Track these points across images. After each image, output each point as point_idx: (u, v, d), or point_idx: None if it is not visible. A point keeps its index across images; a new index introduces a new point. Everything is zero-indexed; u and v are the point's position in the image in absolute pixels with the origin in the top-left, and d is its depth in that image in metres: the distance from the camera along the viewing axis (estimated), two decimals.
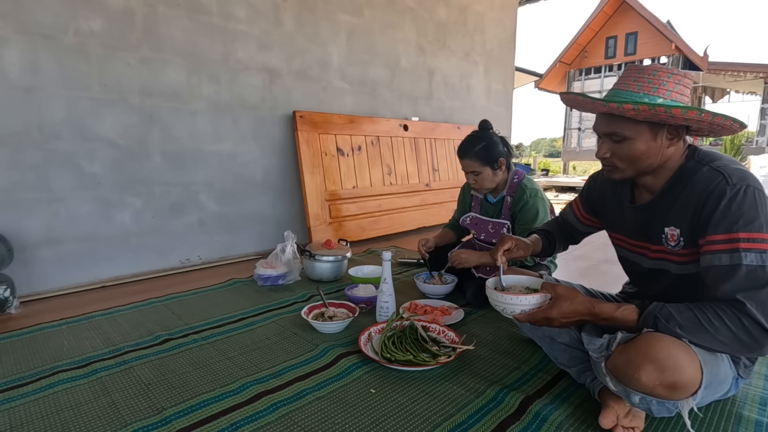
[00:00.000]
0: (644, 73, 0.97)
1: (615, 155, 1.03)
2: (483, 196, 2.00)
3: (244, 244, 2.86)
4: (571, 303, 1.00)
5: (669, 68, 0.97)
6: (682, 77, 0.97)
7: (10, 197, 2.00)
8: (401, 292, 2.00)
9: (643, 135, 0.98)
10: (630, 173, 1.05)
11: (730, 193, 0.90)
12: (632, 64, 1.01)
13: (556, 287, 1.04)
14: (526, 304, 1.06)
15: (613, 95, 1.00)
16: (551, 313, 1.01)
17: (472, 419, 1.09)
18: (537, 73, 14.00)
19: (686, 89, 0.97)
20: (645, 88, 0.96)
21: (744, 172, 0.93)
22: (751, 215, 0.88)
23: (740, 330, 0.85)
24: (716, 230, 0.91)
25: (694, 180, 0.98)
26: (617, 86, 1.01)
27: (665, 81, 0.95)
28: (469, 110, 4.51)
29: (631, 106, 0.92)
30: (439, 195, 3.92)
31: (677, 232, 1.01)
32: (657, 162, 1.01)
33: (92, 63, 2.17)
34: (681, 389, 0.86)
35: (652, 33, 13.62)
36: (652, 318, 0.92)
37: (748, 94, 15.38)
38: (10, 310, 1.83)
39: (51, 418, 1.10)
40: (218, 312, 1.82)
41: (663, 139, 0.99)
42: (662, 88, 0.95)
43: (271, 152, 2.93)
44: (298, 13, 2.96)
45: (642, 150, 0.99)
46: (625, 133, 0.99)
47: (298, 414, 1.11)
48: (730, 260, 0.88)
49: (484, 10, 4.50)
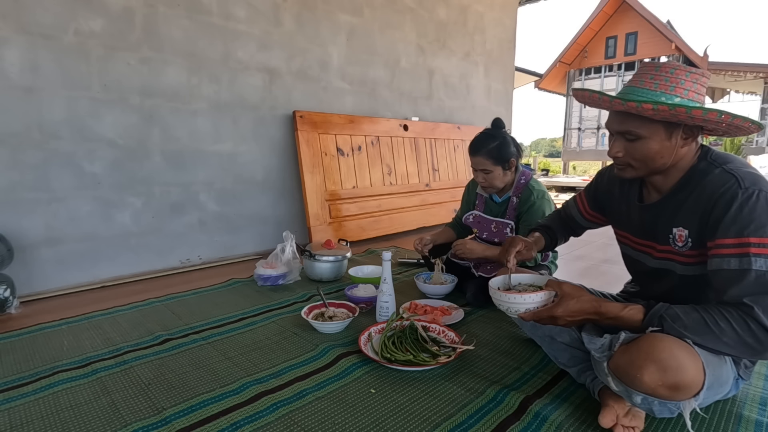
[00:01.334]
0: (661, 70, 0.95)
1: (628, 154, 1.02)
2: (488, 195, 1.99)
3: (244, 244, 2.86)
4: (577, 301, 0.99)
5: (686, 66, 0.95)
6: (700, 76, 0.95)
7: (10, 197, 2.00)
8: (401, 292, 2.00)
9: (658, 134, 0.97)
10: (642, 172, 1.04)
11: (742, 197, 0.89)
12: (648, 62, 0.98)
13: (562, 285, 1.03)
14: (530, 303, 1.04)
15: (629, 93, 0.97)
16: (557, 312, 1.00)
17: (472, 419, 1.09)
18: (537, 73, 14.00)
19: (703, 88, 0.96)
20: (662, 86, 0.94)
21: (757, 176, 0.92)
22: (762, 220, 0.87)
23: (746, 333, 0.84)
24: (726, 234, 0.90)
25: (705, 181, 0.96)
26: (632, 83, 0.99)
27: (683, 80, 0.94)
28: (469, 110, 4.51)
29: (651, 105, 0.90)
30: (439, 195, 3.92)
31: (686, 232, 1.00)
32: (670, 162, 1.00)
33: (92, 63, 2.17)
34: (683, 390, 0.86)
35: (652, 33, 13.62)
36: (657, 318, 0.91)
37: (748, 94, 15.38)
38: (10, 310, 1.83)
39: (51, 418, 1.10)
40: (218, 312, 1.82)
41: (678, 138, 0.97)
42: (680, 87, 0.93)
43: (271, 152, 2.93)
44: (298, 13, 2.96)
45: (656, 149, 0.98)
46: (640, 132, 0.97)
47: (298, 414, 1.11)
48: (740, 264, 0.87)
49: (484, 10, 4.50)
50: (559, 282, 1.05)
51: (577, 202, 1.39)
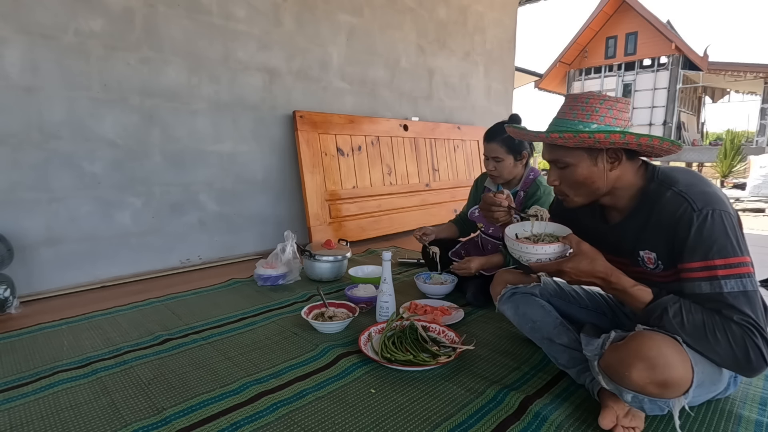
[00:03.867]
0: (578, 101, 1.01)
1: (563, 182, 1.08)
2: (496, 188, 1.99)
3: (244, 244, 2.86)
4: (590, 262, 0.98)
5: (601, 95, 0.99)
6: (615, 102, 0.99)
7: (10, 197, 2.00)
8: (401, 292, 2.00)
9: (583, 160, 1.02)
10: (583, 199, 1.08)
11: (698, 221, 0.91)
12: (571, 94, 1.04)
13: (581, 244, 1.01)
14: (542, 253, 1.02)
15: (553, 125, 1.04)
16: (566, 266, 0.99)
17: (472, 419, 1.09)
18: (537, 73, 14.00)
19: (621, 113, 0.99)
20: (579, 116, 1.00)
21: (707, 195, 0.93)
22: (722, 241, 0.89)
23: (741, 351, 0.86)
24: (692, 258, 0.92)
25: (660, 205, 0.98)
26: (557, 116, 1.06)
27: (597, 107, 0.98)
28: (469, 110, 4.51)
29: (557, 135, 0.98)
30: (439, 195, 3.92)
31: (654, 255, 1.02)
32: (605, 186, 1.04)
33: (92, 63, 2.17)
34: (671, 387, 0.87)
35: (652, 33, 13.63)
36: (661, 309, 0.92)
37: (748, 94, 15.38)
38: (10, 310, 1.83)
39: (51, 418, 1.10)
40: (218, 312, 1.82)
41: (604, 163, 1.01)
42: (595, 115, 0.98)
43: (271, 152, 2.93)
44: (298, 13, 2.96)
45: (585, 175, 1.03)
46: (567, 159, 1.03)
47: (298, 414, 1.11)
48: (711, 288, 0.89)
49: (484, 10, 4.50)
50: (579, 240, 1.03)
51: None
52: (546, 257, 1.02)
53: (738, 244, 0.90)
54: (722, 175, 11.34)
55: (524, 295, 1.31)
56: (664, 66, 13.62)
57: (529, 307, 1.29)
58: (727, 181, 10.89)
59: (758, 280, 2.27)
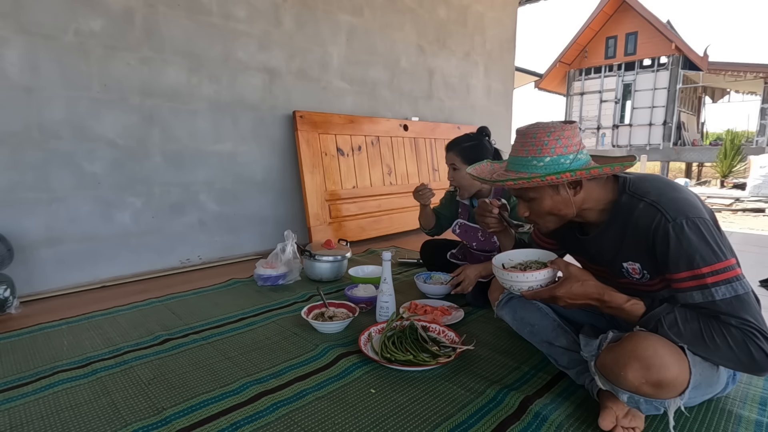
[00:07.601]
0: (527, 137, 1.00)
1: (532, 212, 1.09)
2: (468, 202, 2.00)
3: (244, 244, 2.86)
4: (581, 285, 0.98)
5: (548, 127, 0.98)
6: (562, 131, 0.97)
7: (10, 197, 2.00)
8: (401, 292, 2.00)
9: (545, 192, 1.03)
10: (552, 225, 1.09)
11: (674, 232, 0.90)
12: (520, 129, 1.04)
13: (570, 266, 1.02)
14: (533, 281, 1.01)
15: (509, 163, 1.06)
16: (558, 292, 0.99)
17: (472, 419, 1.09)
18: (537, 73, 14.00)
19: (570, 139, 0.98)
20: (531, 152, 0.99)
21: (679, 203, 0.92)
22: (702, 248, 0.88)
23: (743, 353, 0.85)
24: (678, 269, 0.91)
25: (635, 217, 0.98)
26: (511, 153, 1.06)
27: (546, 140, 0.97)
28: (469, 110, 4.51)
29: (512, 182, 1.01)
30: (440, 195, 3.91)
31: (638, 266, 1.02)
32: (572, 210, 1.04)
33: (92, 63, 2.17)
34: (667, 388, 0.87)
35: (652, 33, 13.63)
36: (655, 320, 0.92)
37: (748, 94, 15.38)
38: (10, 310, 1.83)
39: (51, 418, 1.10)
40: (218, 312, 1.82)
41: (565, 191, 1.01)
42: (545, 148, 0.97)
43: (271, 152, 2.93)
44: (298, 13, 2.96)
45: (550, 205, 1.03)
46: (530, 195, 1.05)
47: (298, 414, 1.11)
48: (703, 297, 0.89)
49: (484, 10, 4.50)
50: (567, 263, 1.03)
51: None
52: (537, 284, 1.02)
53: (720, 248, 0.89)
54: (722, 175, 11.32)
55: (521, 300, 1.31)
56: (664, 66, 13.63)
57: (526, 312, 1.30)
58: (727, 181, 10.88)
59: (758, 280, 2.27)
